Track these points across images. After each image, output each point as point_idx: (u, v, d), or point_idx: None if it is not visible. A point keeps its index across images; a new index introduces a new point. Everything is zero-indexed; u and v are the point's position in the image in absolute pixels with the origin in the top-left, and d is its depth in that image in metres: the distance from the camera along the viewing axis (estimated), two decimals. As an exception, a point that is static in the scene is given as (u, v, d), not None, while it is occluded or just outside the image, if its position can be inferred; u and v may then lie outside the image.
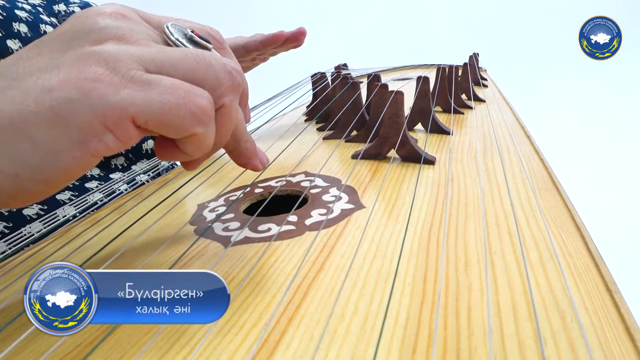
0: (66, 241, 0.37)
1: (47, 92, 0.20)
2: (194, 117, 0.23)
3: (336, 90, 0.63)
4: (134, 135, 0.22)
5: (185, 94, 0.22)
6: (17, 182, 0.21)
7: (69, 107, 0.20)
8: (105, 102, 0.21)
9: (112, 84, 0.21)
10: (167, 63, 0.23)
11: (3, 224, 0.46)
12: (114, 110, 0.21)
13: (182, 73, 0.23)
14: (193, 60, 0.23)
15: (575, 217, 0.31)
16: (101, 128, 0.21)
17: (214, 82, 0.24)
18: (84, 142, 0.21)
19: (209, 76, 0.24)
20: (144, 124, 0.22)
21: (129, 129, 0.22)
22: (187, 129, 0.23)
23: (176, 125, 0.23)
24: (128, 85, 0.21)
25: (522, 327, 0.20)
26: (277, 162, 0.50)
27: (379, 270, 0.25)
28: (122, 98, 0.21)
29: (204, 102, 0.23)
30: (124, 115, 0.21)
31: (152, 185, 0.52)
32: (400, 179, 0.40)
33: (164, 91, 0.22)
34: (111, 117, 0.21)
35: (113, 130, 0.21)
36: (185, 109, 0.22)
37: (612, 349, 0.19)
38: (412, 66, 1.50)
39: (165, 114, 0.22)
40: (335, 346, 0.19)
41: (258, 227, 0.32)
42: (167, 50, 0.23)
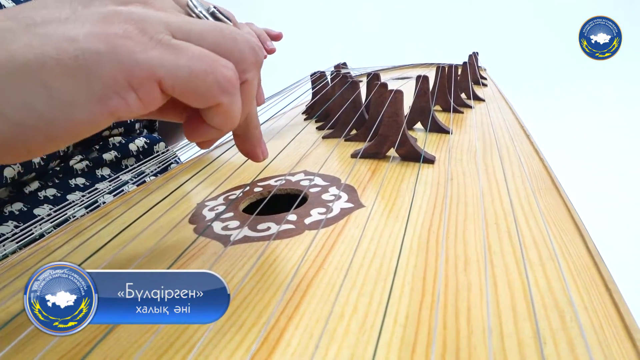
0: (68, 238, 0.37)
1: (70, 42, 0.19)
2: (220, 86, 0.22)
3: (335, 89, 0.63)
4: (157, 98, 0.22)
5: (212, 62, 0.22)
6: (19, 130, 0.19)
7: (95, 58, 0.19)
8: (134, 59, 0.20)
9: (141, 43, 0.20)
10: (194, 32, 0.22)
11: (14, 224, 0.46)
12: (142, 68, 0.20)
13: (208, 44, 0.23)
14: (219, 32, 0.23)
15: (574, 217, 0.31)
16: (126, 85, 0.20)
17: (239, 56, 0.24)
18: (105, 98, 0.20)
19: (235, 50, 0.23)
20: (170, 88, 0.22)
21: (153, 90, 0.21)
22: (213, 98, 0.23)
23: (203, 92, 0.22)
24: (157, 47, 0.21)
25: (522, 326, 0.20)
26: (277, 161, 0.49)
27: (379, 269, 0.25)
28: (151, 58, 0.20)
29: (230, 73, 0.23)
30: (151, 75, 0.21)
31: (155, 182, 0.52)
32: (400, 178, 0.40)
33: (192, 57, 0.21)
34: (138, 75, 0.20)
35: (137, 89, 0.21)
36: (212, 77, 0.22)
37: (611, 349, 0.19)
38: (412, 65, 1.50)
39: (193, 80, 0.22)
40: (334, 345, 0.20)
41: (257, 226, 0.32)
42: (194, 21, 0.23)
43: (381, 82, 0.50)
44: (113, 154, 0.57)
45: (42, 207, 0.48)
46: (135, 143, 0.61)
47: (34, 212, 0.48)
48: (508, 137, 0.53)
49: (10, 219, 0.47)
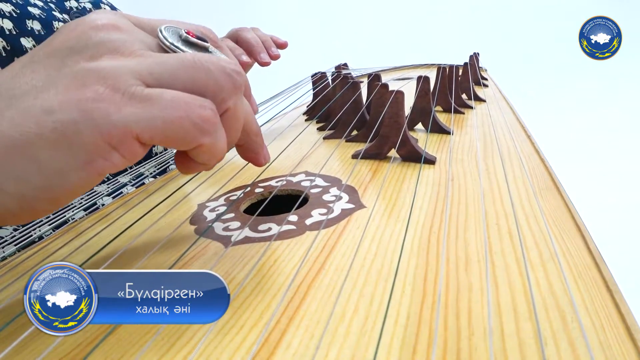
0: (68, 240, 0.37)
1: (48, 114, 0.20)
2: (198, 128, 0.22)
3: (336, 90, 0.63)
4: (139, 151, 0.22)
5: (186, 106, 0.22)
6: (23, 202, 0.21)
7: (73, 128, 0.20)
8: (109, 121, 0.21)
9: (114, 103, 0.21)
10: (165, 74, 0.22)
11: (13, 227, 0.46)
12: (118, 129, 0.21)
13: (181, 82, 0.23)
14: (191, 67, 0.23)
15: (575, 217, 0.31)
16: (106, 147, 0.21)
17: (215, 87, 0.23)
18: (90, 162, 0.21)
19: (209, 82, 0.23)
20: (148, 140, 0.22)
21: (133, 146, 0.22)
22: (193, 141, 0.23)
23: (182, 138, 0.22)
24: (130, 103, 0.21)
25: (523, 326, 0.20)
26: (278, 161, 0.49)
27: (380, 270, 0.25)
28: (125, 116, 0.21)
29: (207, 112, 0.23)
30: (128, 132, 0.21)
31: (155, 184, 0.52)
32: (401, 178, 0.40)
33: (165, 106, 0.22)
34: (116, 136, 0.21)
35: (118, 148, 0.21)
36: (188, 122, 0.22)
37: (612, 349, 0.19)
38: (413, 66, 1.50)
39: (169, 128, 0.22)
40: (335, 346, 0.19)
41: (258, 227, 0.32)
42: (164, 59, 0.23)
43: (382, 83, 0.50)
44: None
45: None
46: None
47: None
48: (509, 138, 0.53)
49: None
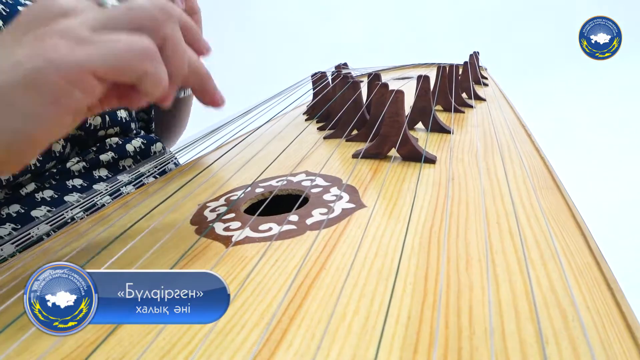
0: (68, 241, 0.37)
1: (17, 65, 0.24)
2: (140, 57, 0.26)
3: (336, 89, 0.63)
4: (97, 86, 0.26)
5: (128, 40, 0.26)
6: (8, 147, 0.25)
7: (37, 73, 0.24)
8: (66, 62, 0.25)
9: (68, 48, 0.25)
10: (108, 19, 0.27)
11: (11, 226, 0.46)
12: (74, 67, 0.25)
13: (123, 24, 0.27)
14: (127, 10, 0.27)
15: (576, 216, 0.31)
16: (67, 85, 0.25)
17: (150, 20, 0.28)
18: (57, 100, 0.25)
19: (145, 17, 0.27)
20: (103, 74, 0.26)
21: (91, 81, 0.25)
22: (138, 68, 0.27)
23: (128, 67, 0.26)
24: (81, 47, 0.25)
25: (524, 326, 0.20)
26: (278, 161, 0.49)
27: (380, 270, 0.25)
28: (78, 57, 0.25)
29: (145, 42, 0.27)
30: (83, 70, 0.25)
31: (155, 185, 0.52)
32: (401, 178, 0.40)
33: (110, 44, 0.26)
34: (73, 74, 0.25)
35: (78, 85, 0.25)
36: (132, 53, 0.26)
37: (613, 348, 0.19)
38: (413, 65, 1.50)
39: (117, 60, 0.26)
40: (336, 345, 0.19)
41: (259, 227, 0.32)
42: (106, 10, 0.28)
43: (382, 82, 0.50)
44: (110, 155, 0.57)
45: (40, 209, 0.48)
46: (132, 144, 0.61)
47: (31, 214, 0.48)
48: (509, 137, 0.53)
49: (7, 221, 0.47)
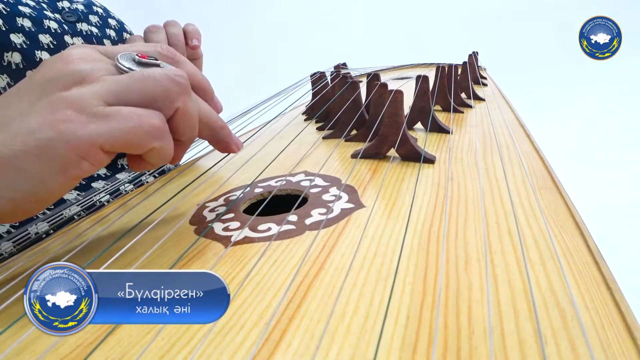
0: (69, 240, 0.37)
1: (30, 134, 0.25)
2: (149, 135, 0.27)
3: (335, 89, 0.63)
4: (104, 159, 0.27)
5: (139, 118, 0.27)
6: (15, 204, 0.26)
7: (50, 144, 0.25)
8: (77, 137, 0.26)
9: (80, 122, 0.26)
10: (121, 91, 0.28)
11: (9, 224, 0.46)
12: (85, 143, 0.26)
13: (135, 94, 0.28)
14: (139, 80, 0.28)
15: (575, 216, 0.31)
16: (76, 158, 0.26)
17: (163, 92, 0.28)
18: (65, 170, 0.26)
19: (157, 89, 0.28)
20: (110, 148, 0.27)
21: (98, 155, 0.27)
22: (146, 145, 0.28)
23: (136, 144, 0.27)
24: (93, 121, 0.26)
25: (523, 325, 0.20)
26: (277, 161, 0.49)
27: (379, 270, 0.25)
28: (89, 132, 0.26)
29: (156, 121, 0.28)
30: (93, 145, 0.26)
31: (154, 185, 0.52)
32: (400, 178, 0.40)
33: (121, 120, 0.27)
34: (83, 149, 0.26)
35: (86, 158, 0.26)
36: (141, 130, 0.27)
37: (612, 347, 0.19)
38: (412, 65, 1.50)
39: (126, 137, 0.27)
40: (335, 345, 0.19)
41: (258, 227, 0.32)
42: (119, 79, 0.28)
43: (381, 82, 0.50)
44: None
45: None
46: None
47: None
48: (508, 137, 0.53)
49: None
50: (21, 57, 0.50)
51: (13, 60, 0.49)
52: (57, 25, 0.56)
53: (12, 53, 0.49)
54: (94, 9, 0.65)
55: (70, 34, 0.57)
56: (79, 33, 0.59)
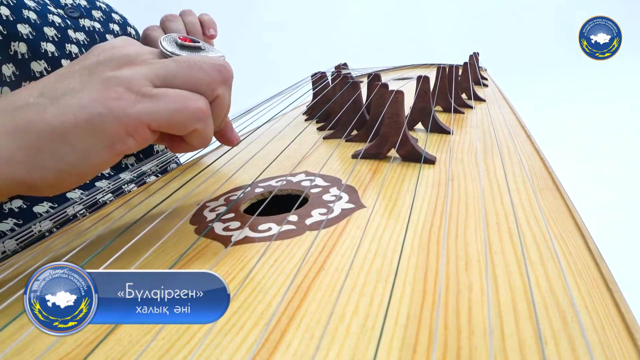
0: (69, 240, 0.37)
1: (81, 108, 0.26)
2: (194, 117, 0.29)
3: (336, 89, 0.63)
4: (149, 137, 0.28)
5: (185, 100, 0.28)
6: (58, 175, 0.27)
7: (100, 119, 0.26)
8: (126, 114, 0.27)
9: (130, 100, 0.27)
10: (168, 75, 0.29)
11: (13, 221, 0.46)
12: (134, 120, 0.27)
13: (181, 79, 0.29)
14: (187, 67, 0.29)
15: (575, 216, 0.31)
16: (124, 134, 0.27)
17: (207, 79, 0.29)
18: (112, 145, 0.27)
19: (203, 76, 0.29)
20: (157, 127, 0.28)
21: (145, 133, 0.28)
22: (190, 127, 0.29)
23: (181, 125, 0.29)
24: (142, 100, 0.27)
25: (523, 326, 0.20)
26: (278, 161, 0.49)
27: (380, 270, 0.25)
28: (139, 110, 0.27)
29: (201, 104, 0.29)
30: (141, 123, 0.27)
31: (155, 184, 0.52)
32: (401, 178, 0.40)
33: (169, 101, 0.28)
34: (131, 126, 0.27)
35: (133, 135, 0.27)
36: (187, 112, 0.28)
37: (612, 348, 0.19)
38: (412, 66, 1.50)
39: (172, 118, 0.28)
40: (335, 346, 0.19)
41: (258, 227, 0.32)
42: (166, 63, 0.29)
43: (382, 83, 0.50)
44: None
45: (42, 205, 0.48)
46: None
47: (33, 210, 0.48)
48: (509, 137, 0.53)
49: (9, 216, 0.47)
50: (27, 48, 0.50)
51: (19, 50, 0.49)
52: (61, 20, 0.56)
53: (19, 43, 0.49)
54: (97, 4, 0.65)
55: (73, 28, 0.58)
56: (82, 29, 0.59)
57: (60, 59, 0.53)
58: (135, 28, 0.70)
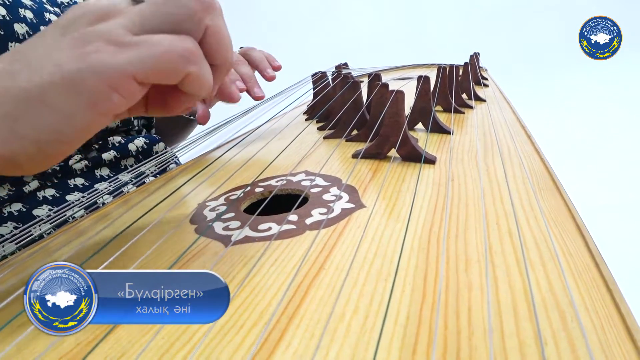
0: (69, 239, 0.37)
1: (57, 67, 0.24)
2: (183, 59, 0.26)
3: (337, 89, 0.63)
4: (136, 90, 0.26)
5: (169, 42, 0.26)
6: (40, 146, 0.25)
7: (78, 75, 0.24)
8: (108, 66, 0.24)
9: (109, 52, 0.25)
10: (145, 19, 0.26)
11: (13, 224, 0.46)
12: (115, 72, 0.24)
13: (159, 20, 0.26)
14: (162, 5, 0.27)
15: (575, 217, 0.31)
16: (107, 89, 0.25)
17: (188, 12, 0.27)
18: (95, 103, 0.25)
19: (181, 10, 0.26)
20: (144, 78, 0.25)
21: (131, 85, 0.25)
22: (181, 71, 0.26)
23: (170, 71, 0.26)
24: (122, 50, 0.25)
25: (523, 326, 0.20)
26: (278, 161, 0.49)
27: (379, 270, 0.25)
28: (120, 61, 0.25)
29: (188, 44, 0.26)
30: (124, 74, 0.25)
31: (155, 184, 0.52)
32: (401, 178, 0.40)
33: (151, 46, 0.25)
34: (114, 78, 0.25)
35: (117, 89, 0.25)
36: (174, 54, 0.26)
37: (612, 349, 0.19)
38: (413, 66, 1.50)
39: (159, 63, 0.25)
40: (335, 345, 0.19)
41: (258, 227, 0.32)
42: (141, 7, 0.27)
43: (382, 83, 0.50)
44: (112, 154, 0.57)
45: (42, 208, 0.48)
46: (134, 143, 0.61)
47: (33, 213, 0.48)
48: (509, 138, 0.53)
49: (9, 219, 0.47)
50: None
51: None
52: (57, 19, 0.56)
53: (16, 43, 0.49)
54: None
55: None
56: None
57: None
58: None
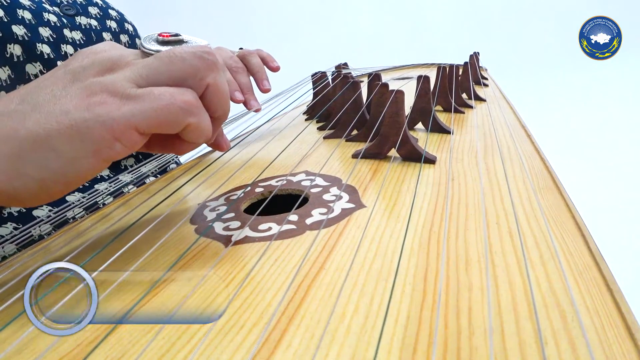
0: (69, 240, 0.37)
1: (65, 114, 0.25)
2: (183, 112, 0.27)
3: (337, 89, 0.63)
4: (138, 140, 0.27)
5: (171, 95, 0.27)
6: (42, 184, 0.26)
7: (84, 125, 0.25)
8: (112, 118, 0.26)
9: (115, 104, 0.26)
10: (151, 73, 0.28)
11: (13, 225, 0.46)
12: (119, 123, 0.26)
13: (164, 75, 0.28)
14: (167, 61, 0.28)
15: (575, 216, 0.31)
16: (110, 138, 0.26)
17: (191, 70, 0.28)
18: (98, 151, 0.26)
19: (185, 67, 0.28)
20: (146, 128, 0.27)
21: (133, 136, 0.27)
22: (181, 123, 0.28)
23: (171, 122, 0.28)
24: (126, 102, 0.27)
25: (523, 326, 0.20)
26: (278, 161, 0.49)
27: (380, 270, 0.25)
28: (124, 113, 0.26)
29: (188, 96, 0.28)
30: (127, 125, 0.26)
31: (155, 184, 0.52)
32: (401, 178, 0.40)
33: (153, 99, 0.27)
34: (117, 129, 0.26)
35: (120, 139, 0.26)
36: (174, 107, 0.27)
37: (612, 349, 0.19)
38: (413, 65, 1.50)
39: (160, 116, 0.27)
40: (335, 345, 0.19)
41: (259, 227, 0.32)
42: (148, 62, 0.29)
43: (382, 83, 0.50)
44: None
45: (42, 208, 0.48)
46: None
47: (32, 214, 0.48)
48: (509, 137, 0.53)
49: (9, 220, 0.47)
50: (22, 50, 0.49)
51: (15, 52, 0.49)
52: (57, 19, 0.56)
53: (14, 45, 0.49)
54: (94, 1, 0.65)
55: (69, 27, 0.57)
56: (78, 27, 0.58)
57: (56, 61, 0.52)
58: (132, 24, 0.69)
